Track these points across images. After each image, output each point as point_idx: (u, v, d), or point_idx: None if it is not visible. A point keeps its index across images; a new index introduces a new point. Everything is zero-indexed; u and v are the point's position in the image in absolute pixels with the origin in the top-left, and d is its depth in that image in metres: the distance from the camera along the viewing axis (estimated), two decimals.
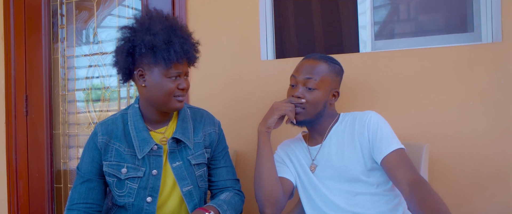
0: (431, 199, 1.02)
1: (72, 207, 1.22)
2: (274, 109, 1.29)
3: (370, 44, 1.71)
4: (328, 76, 1.28)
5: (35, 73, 2.17)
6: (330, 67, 1.30)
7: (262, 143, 1.30)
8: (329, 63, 1.30)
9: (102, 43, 2.13)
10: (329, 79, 1.29)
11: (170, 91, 1.18)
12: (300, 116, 1.28)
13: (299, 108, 1.27)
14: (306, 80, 1.27)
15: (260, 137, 1.31)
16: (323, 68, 1.28)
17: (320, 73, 1.27)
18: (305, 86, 1.27)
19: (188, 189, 1.25)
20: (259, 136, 1.31)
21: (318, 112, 1.29)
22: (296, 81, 1.29)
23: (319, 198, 1.28)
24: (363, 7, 1.72)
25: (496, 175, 1.47)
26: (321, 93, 1.27)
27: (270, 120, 1.28)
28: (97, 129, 1.26)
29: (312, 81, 1.26)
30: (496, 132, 1.47)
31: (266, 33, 1.80)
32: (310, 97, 1.26)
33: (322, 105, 1.28)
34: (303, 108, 1.27)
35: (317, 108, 1.28)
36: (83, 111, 2.18)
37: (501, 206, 1.47)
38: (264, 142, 1.30)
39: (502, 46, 1.47)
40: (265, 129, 1.30)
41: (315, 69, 1.27)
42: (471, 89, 1.50)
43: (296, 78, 1.29)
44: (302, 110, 1.27)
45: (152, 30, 1.15)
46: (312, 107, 1.27)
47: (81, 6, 2.17)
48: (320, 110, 1.29)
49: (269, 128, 1.29)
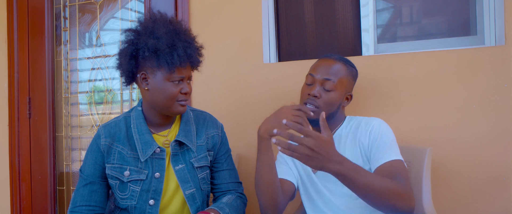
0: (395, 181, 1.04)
1: (75, 209, 1.22)
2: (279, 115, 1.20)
3: (372, 47, 1.71)
4: (345, 79, 1.28)
5: (38, 76, 2.18)
6: (348, 70, 1.29)
7: (263, 149, 1.20)
8: (347, 66, 1.30)
9: (105, 46, 2.14)
10: (346, 82, 1.29)
11: (172, 96, 1.18)
12: (314, 114, 1.25)
13: (313, 106, 1.25)
14: (324, 80, 1.26)
15: (261, 144, 1.20)
16: (342, 70, 1.28)
17: (338, 75, 1.26)
18: (322, 86, 1.26)
19: (190, 192, 1.25)
20: (259, 141, 1.21)
21: (331, 113, 1.28)
22: (313, 80, 1.28)
23: (321, 200, 1.27)
24: (366, 10, 1.72)
25: (499, 178, 1.47)
26: (337, 95, 1.26)
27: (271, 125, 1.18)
28: (100, 131, 1.26)
29: (330, 83, 1.25)
30: (499, 135, 1.47)
31: (268, 36, 1.80)
32: (327, 98, 1.25)
33: (336, 107, 1.28)
34: (317, 107, 1.25)
35: (331, 109, 1.27)
36: (86, 114, 2.18)
37: (503, 209, 1.47)
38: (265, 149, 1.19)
39: (505, 50, 1.47)
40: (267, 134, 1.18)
41: (333, 70, 1.27)
42: (474, 92, 1.50)
43: (314, 77, 1.28)
44: (316, 109, 1.25)
45: (156, 33, 1.15)
46: (327, 107, 1.26)
47: (84, 9, 2.18)
48: (333, 111, 1.28)
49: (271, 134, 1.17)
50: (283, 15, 1.87)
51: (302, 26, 1.84)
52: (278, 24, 1.87)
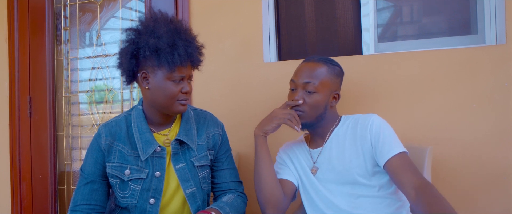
0: (438, 203, 1.01)
1: (75, 208, 1.22)
2: (273, 117, 1.28)
3: (373, 46, 1.71)
4: (327, 79, 1.28)
5: (38, 75, 2.18)
6: (330, 70, 1.29)
7: (259, 146, 1.30)
8: (329, 65, 1.29)
9: (106, 45, 2.14)
10: (329, 82, 1.28)
11: (173, 95, 1.18)
12: (301, 119, 1.27)
13: (299, 111, 1.27)
14: (305, 84, 1.26)
15: (257, 141, 1.31)
16: (322, 71, 1.27)
17: (320, 77, 1.27)
18: (304, 90, 1.27)
19: (191, 191, 1.25)
20: (255, 139, 1.31)
21: (318, 115, 1.28)
22: (295, 85, 1.29)
23: (321, 200, 1.27)
24: (366, 9, 1.72)
25: (499, 177, 1.47)
26: (321, 96, 1.27)
27: (268, 127, 1.28)
28: (101, 130, 1.27)
29: (311, 85, 1.25)
30: (499, 134, 1.47)
31: (269, 35, 1.80)
32: (310, 100, 1.26)
33: (322, 108, 1.28)
34: (302, 111, 1.26)
35: (318, 110, 1.27)
36: (86, 113, 2.19)
37: (504, 208, 1.47)
38: (261, 145, 1.30)
39: (505, 49, 1.47)
40: (262, 133, 1.30)
41: (314, 72, 1.27)
42: (474, 91, 1.50)
43: (295, 82, 1.29)
44: (302, 113, 1.27)
45: (157, 32, 1.15)
46: (313, 110, 1.26)
47: (85, 9, 2.18)
48: (320, 113, 1.28)
49: (266, 133, 1.30)
50: (283, 14, 1.87)
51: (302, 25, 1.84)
52: (279, 23, 1.87)
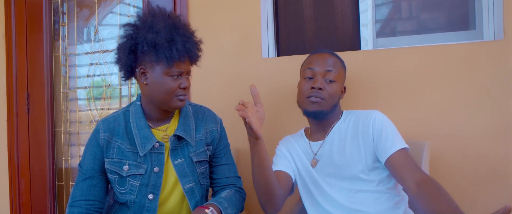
0: (443, 195, 1.02)
1: (74, 204, 1.22)
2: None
3: (371, 42, 1.71)
4: (342, 71, 1.33)
5: (36, 71, 2.17)
6: (341, 63, 1.35)
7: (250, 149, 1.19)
8: (339, 59, 1.35)
9: (103, 41, 2.13)
10: (342, 74, 1.34)
11: (171, 90, 1.18)
12: (319, 105, 1.27)
13: (318, 98, 1.27)
14: (326, 72, 1.28)
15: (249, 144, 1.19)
16: (338, 62, 1.32)
17: (337, 67, 1.31)
18: (324, 78, 1.28)
19: (189, 186, 1.25)
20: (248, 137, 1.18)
21: (333, 105, 1.30)
22: (313, 73, 1.30)
23: (320, 195, 1.28)
24: (365, 5, 1.72)
25: (497, 173, 1.47)
26: (338, 86, 1.30)
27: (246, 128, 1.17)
28: (99, 126, 1.26)
29: (332, 74, 1.28)
30: (497, 130, 1.47)
31: (267, 31, 1.80)
32: (330, 89, 1.28)
33: (337, 99, 1.31)
34: (322, 98, 1.27)
35: (334, 100, 1.30)
36: (85, 109, 2.18)
37: (501, 203, 1.47)
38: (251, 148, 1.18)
39: (503, 44, 1.47)
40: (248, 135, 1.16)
41: (333, 62, 1.31)
42: (472, 87, 1.50)
43: (314, 71, 1.30)
44: (322, 100, 1.27)
45: (155, 28, 1.14)
46: (331, 98, 1.28)
47: (82, 4, 2.17)
48: (335, 103, 1.31)
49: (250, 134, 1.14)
50: (282, 9, 1.86)
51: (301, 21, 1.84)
52: (277, 18, 1.87)
